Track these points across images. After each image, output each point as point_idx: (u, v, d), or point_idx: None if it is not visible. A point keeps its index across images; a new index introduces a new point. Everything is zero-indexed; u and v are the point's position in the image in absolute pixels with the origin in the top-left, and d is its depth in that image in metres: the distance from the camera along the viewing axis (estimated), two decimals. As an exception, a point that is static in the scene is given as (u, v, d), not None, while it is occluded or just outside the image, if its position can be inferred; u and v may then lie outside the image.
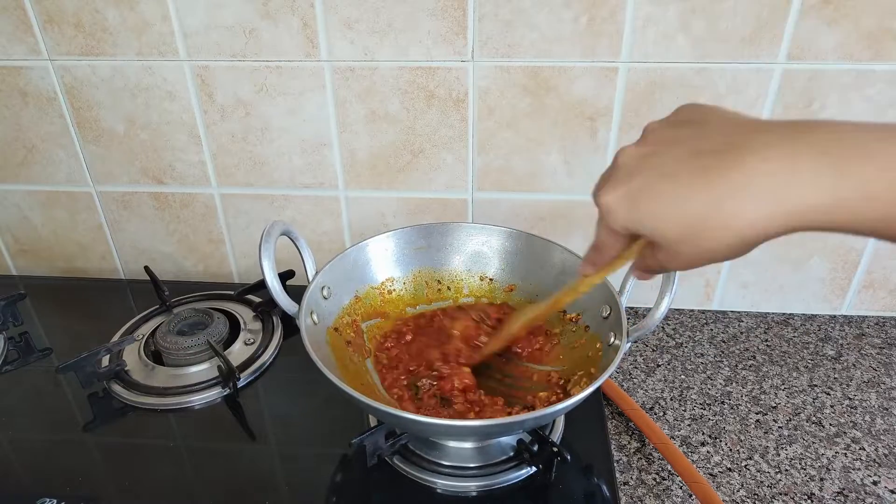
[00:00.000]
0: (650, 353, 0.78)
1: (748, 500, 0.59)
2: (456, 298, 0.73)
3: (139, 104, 0.78)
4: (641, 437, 0.65)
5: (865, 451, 0.64)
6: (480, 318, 0.68)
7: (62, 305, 0.87)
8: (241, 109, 0.77)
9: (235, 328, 0.77)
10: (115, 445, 0.63)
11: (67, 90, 0.79)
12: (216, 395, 0.68)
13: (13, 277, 0.95)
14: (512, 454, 0.59)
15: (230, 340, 0.75)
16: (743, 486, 0.60)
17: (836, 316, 0.84)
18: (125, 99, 0.78)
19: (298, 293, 0.60)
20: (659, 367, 0.76)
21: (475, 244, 0.72)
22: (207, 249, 0.90)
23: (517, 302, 0.71)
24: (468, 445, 0.60)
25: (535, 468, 0.57)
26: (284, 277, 0.77)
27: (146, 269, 0.83)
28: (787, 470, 0.62)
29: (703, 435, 0.66)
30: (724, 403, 0.70)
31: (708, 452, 0.64)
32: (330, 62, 0.73)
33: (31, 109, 0.80)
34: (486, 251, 0.72)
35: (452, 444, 0.60)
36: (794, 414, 0.69)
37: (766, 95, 0.70)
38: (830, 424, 0.67)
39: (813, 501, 0.59)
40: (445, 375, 0.61)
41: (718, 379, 0.74)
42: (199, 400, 0.67)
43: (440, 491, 0.57)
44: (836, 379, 0.74)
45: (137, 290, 0.88)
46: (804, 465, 0.62)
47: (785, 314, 0.85)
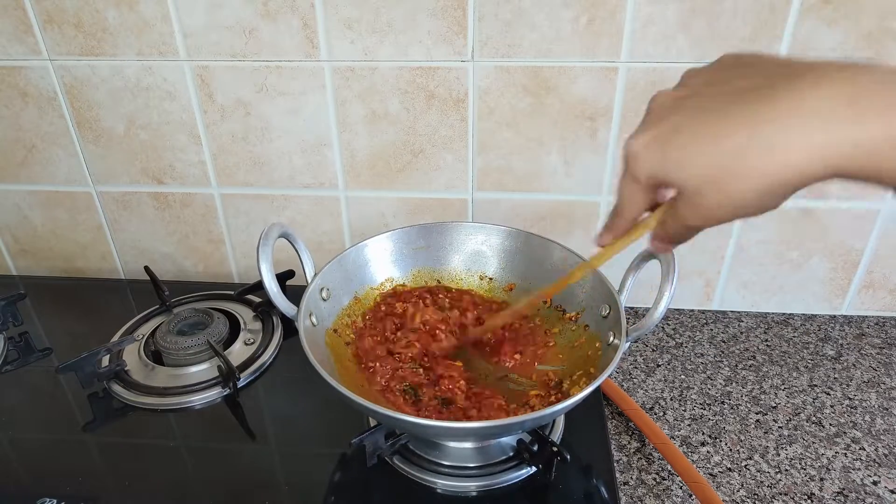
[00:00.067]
0: (650, 353, 0.78)
1: (748, 500, 0.59)
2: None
3: (139, 104, 0.78)
4: (641, 437, 0.65)
5: (865, 451, 0.64)
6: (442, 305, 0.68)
7: (62, 305, 0.87)
8: (241, 109, 0.77)
9: (235, 328, 0.77)
10: (115, 445, 0.63)
11: (67, 90, 0.79)
12: (216, 395, 0.68)
13: (13, 277, 0.95)
14: (512, 454, 0.59)
15: (230, 340, 0.75)
16: (743, 486, 0.60)
17: (836, 316, 0.84)
18: (125, 99, 0.78)
19: (298, 293, 0.60)
20: (659, 367, 0.76)
21: (474, 243, 0.72)
22: (207, 249, 0.90)
23: (515, 298, 0.70)
24: (468, 445, 0.60)
25: (534, 468, 0.57)
26: (284, 278, 0.77)
27: (146, 269, 0.83)
28: (787, 470, 0.62)
29: (703, 435, 0.66)
30: (724, 403, 0.70)
31: (708, 452, 0.64)
32: (330, 62, 0.73)
33: (31, 109, 0.80)
34: (485, 250, 0.72)
35: (452, 444, 0.60)
36: (794, 414, 0.69)
37: (766, 95, 0.70)
38: (830, 424, 0.67)
39: (813, 501, 0.59)
40: (432, 368, 0.61)
41: (718, 379, 0.74)
42: (199, 400, 0.67)
43: (440, 491, 0.57)
44: (836, 379, 0.74)
45: (137, 290, 0.88)
46: (804, 465, 0.62)
47: (785, 314, 0.85)
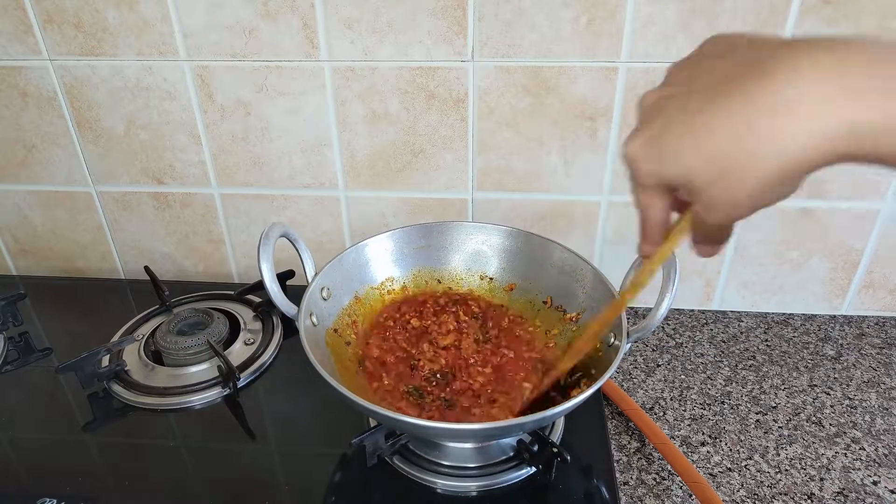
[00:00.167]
0: (650, 353, 0.78)
1: (748, 500, 0.59)
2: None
3: (139, 104, 0.78)
4: (641, 437, 0.65)
5: (865, 451, 0.64)
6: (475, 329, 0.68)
7: (62, 305, 0.87)
8: (241, 109, 0.77)
9: (235, 328, 0.77)
10: (115, 445, 0.63)
11: (67, 90, 0.78)
12: (216, 395, 0.68)
13: (13, 277, 0.95)
14: (512, 454, 0.59)
15: (230, 340, 0.75)
16: (743, 486, 0.60)
17: (836, 316, 0.84)
18: (125, 99, 0.78)
19: (298, 293, 0.60)
20: (659, 367, 0.76)
21: (475, 243, 0.72)
22: (207, 249, 0.90)
23: (520, 303, 0.70)
24: (468, 446, 0.60)
25: (535, 468, 0.57)
26: (284, 278, 0.77)
27: (146, 269, 0.83)
28: (787, 470, 0.62)
29: (703, 435, 0.66)
30: (724, 403, 0.70)
31: (708, 452, 0.64)
32: (330, 62, 0.73)
33: (31, 109, 0.80)
34: (485, 250, 0.72)
35: (453, 444, 0.60)
36: (794, 414, 0.69)
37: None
38: (830, 424, 0.67)
39: (813, 501, 0.59)
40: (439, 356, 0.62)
41: (718, 379, 0.74)
42: (199, 400, 0.67)
43: (440, 491, 0.57)
44: (836, 379, 0.74)
45: (137, 290, 0.88)
46: (804, 465, 0.62)
47: (785, 314, 0.85)
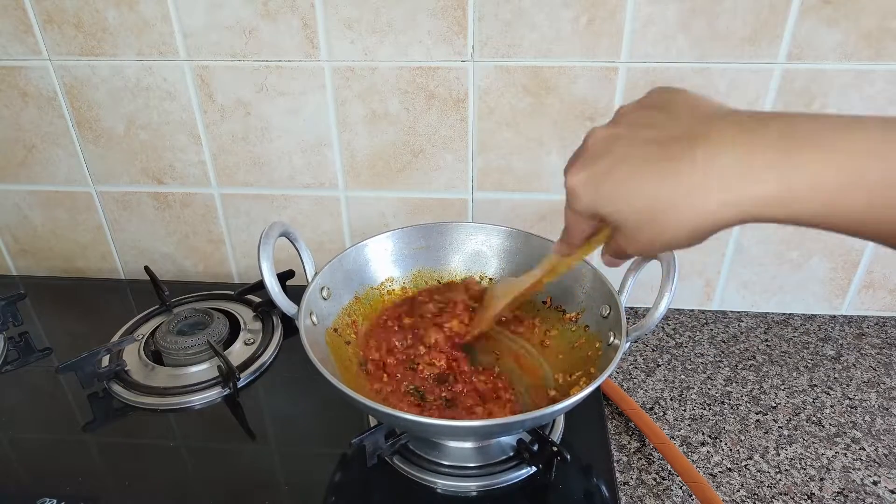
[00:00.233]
0: (650, 353, 0.78)
1: (748, 500, 0.59)
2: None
3: (139, 104, 0.78)
4: (641, 437, 0.65)
5: (865, 451, 0.64)
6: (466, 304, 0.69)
7: (62, 305, 0.87)
8: (241, 109, 0.77)
9: (235, 328, 0.77)
10: (115, 445, 0.63)
11: (67, 90, 0.79)
12: (216, 395, 0.68)
13: (13, 277, 0.95)
14: (512, 454, 0.59)
15: (230, 340, 0.75)
16: (743, 486, 0.60)
17: (836, 316, 0.84)
18: (125, 99, 0.78)
19: (298, 293, 0.60)
20: (659, 367, 0.76)
21: (474, 243, 0.72)
22: (207, 249, 0.90)
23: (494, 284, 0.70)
24: (468, 445, 0.60)
25: (535, 468, 0.57)
26: (284, 277, 0.77)
27: (146, 269, 0.83)
28: (787, 470, 0.62)
29: (703, 435, 0.66)
30: (724, 403, 0.70)
31: (708, 452, 0.64)
32: (330, 62, 0.73)
33: (31, 109, 0.80)
34: (485, 250, 0.72)
35: (452, 443, 0.60)
36: (794, 414, 0.69)
37: (766, 95, 0.70)
38: (830, 424, 0.67)
39: (813, 501, 0.59)
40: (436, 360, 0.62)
41: (718, 379, 0.74)
42: (199, 400, 0.67)
43: (440, 491, 0.57)
44: (836, 379, 0.74)
45: (137, 290, 0.88)
46: (804, 465, 0.62)
47: (785, 314, 0.85)
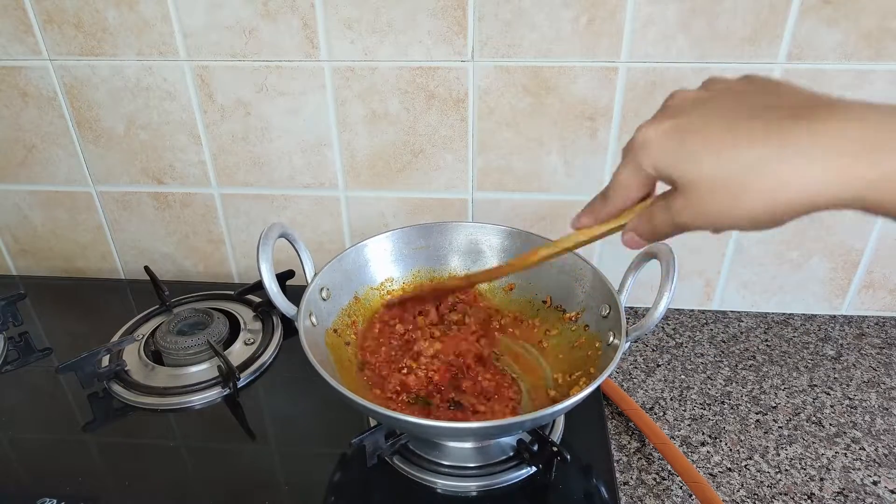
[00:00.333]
0: (650, 353, 0.78)
1: (748, 500, 0.59)
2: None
3: (139, 104, 0.78)
4: (641, 437, 0.65)
5: (865, 451, 0.64)
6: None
7: (62, 305, 0.87)
8: (241, 109, 0.77)
9: (235, 328, 0.77)
10: (115, 445, 0.63)
11: (67, 90, 0.79)
12: (216, 395, 0.68)
13: (13, 277, 0.95)
14: (512, 454, 0.59)
15: (230, 340, 0.75)
16: (743, 486, 0.60)
17: (836, 316, 0.84)
18: (125, 99, 0.78)
19: (298, 293, 0.60)
20: (659, 367, 0.76)
21: (474, 243, 0.72)
22: (207, 249, 0.90)
23: (520, 303, 0.70)
24: (468, 445, 0.60)
25: (534, 468, 0.57)
26: (284, 278, 0.77)
27: (146, 269, 0.83)
28: (787, 470, 0.62)
29: (703, 435, 0.66)
30: (724, 403, 0.70)
31: (708, 452, 0.64)
32: (330, 62, 0.73)
33: (31, 109, 0.80)
34: (485, 250, 0.72)
35: (452, 444, 0.60)
36: (794, 414, 0.69)
37: (766, 95, 0.70)
38: (830, 424, 0.67)
39: (813, 501, 0.59)
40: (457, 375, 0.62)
41: (718, 379, 0.74)
42: (199, 400, 0.67)
43: (440, 491, 0.57)
44: (836, 379, 0.74)
45: (137, 290, 0.88)
46: (804, 465, 0.62)
47: (785, 314, 0.85)
